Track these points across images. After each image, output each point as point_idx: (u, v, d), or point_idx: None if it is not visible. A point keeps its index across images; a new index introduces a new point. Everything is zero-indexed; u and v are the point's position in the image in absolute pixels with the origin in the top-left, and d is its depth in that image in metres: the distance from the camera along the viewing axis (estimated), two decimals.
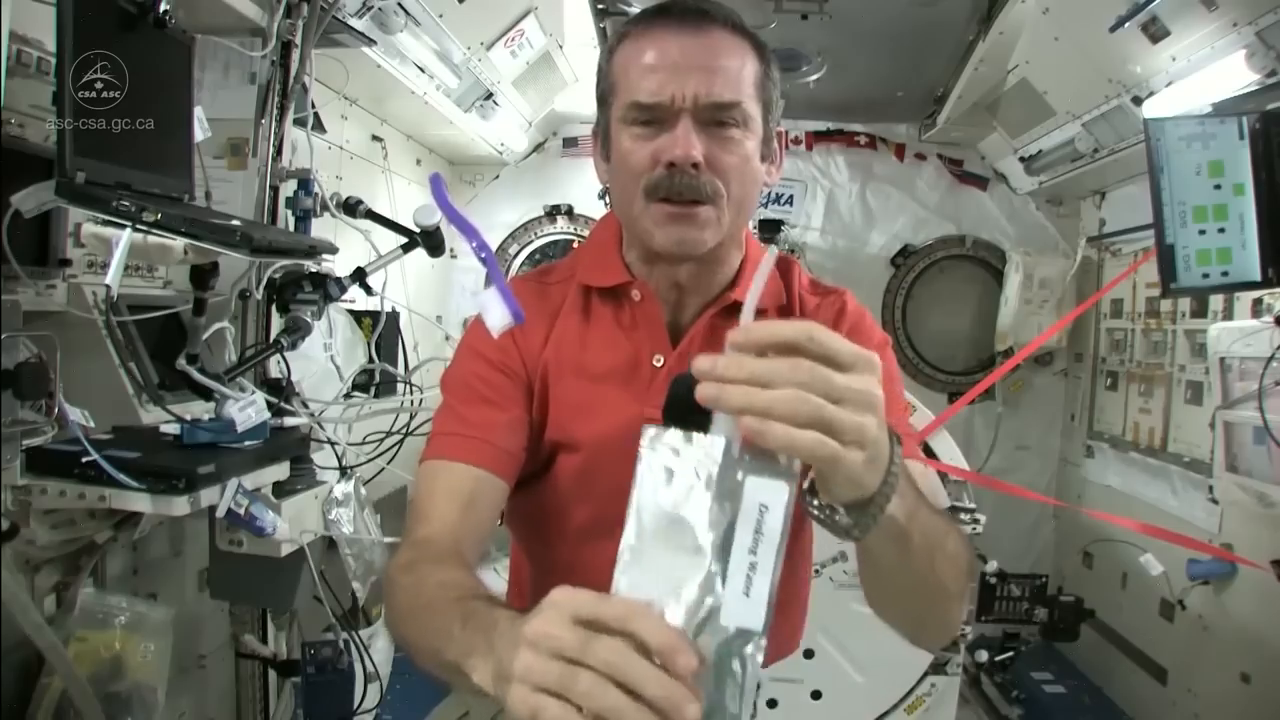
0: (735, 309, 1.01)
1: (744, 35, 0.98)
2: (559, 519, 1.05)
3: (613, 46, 1.00)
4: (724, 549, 0.54)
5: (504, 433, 0.98)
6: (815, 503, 0.68)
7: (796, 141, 3.92)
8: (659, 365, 1.01)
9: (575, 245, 3.88)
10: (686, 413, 0.74)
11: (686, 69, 0.92)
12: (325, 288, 1.68)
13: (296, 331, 1.63)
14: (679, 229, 0.95)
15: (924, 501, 0.77)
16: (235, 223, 1.46)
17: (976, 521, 2.51)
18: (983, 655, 3.21)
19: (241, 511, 1.46)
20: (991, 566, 3.03)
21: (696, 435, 0.58)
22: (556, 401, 1.02)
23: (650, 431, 0.59)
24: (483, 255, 0.75)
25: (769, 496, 0.55)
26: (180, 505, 1.33)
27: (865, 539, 0.70)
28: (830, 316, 1.06)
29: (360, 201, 1.99)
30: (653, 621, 0.53)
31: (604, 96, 1.01)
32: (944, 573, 0.81)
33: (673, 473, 0.57)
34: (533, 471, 1.05)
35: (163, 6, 1.41)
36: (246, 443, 1.50)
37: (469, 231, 0.75)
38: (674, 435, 0.58)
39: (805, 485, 0.67)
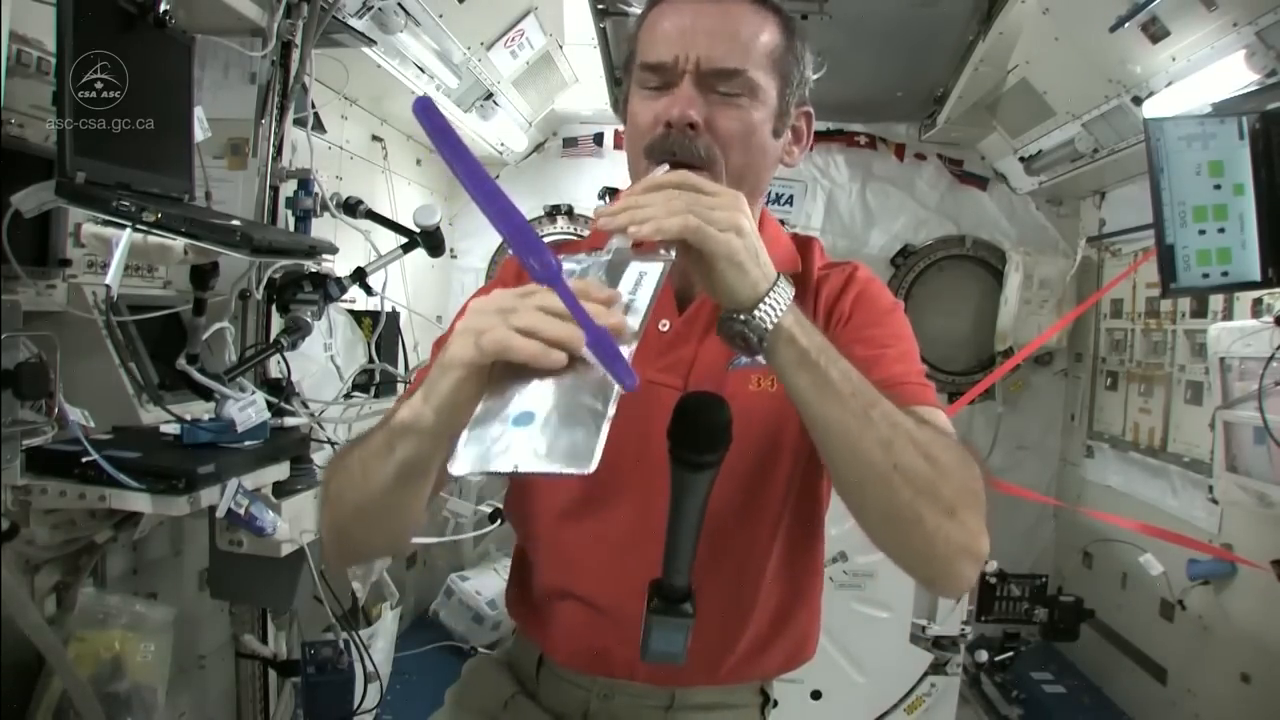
0: None
1: (767, 8, 0.97)
2: (551, 493, 1.04)
3: (641, 17, 1.01)
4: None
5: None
6: (724, 319, 0.78)
7: None
8: (665, 330, 1.01)
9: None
10: (693, 428, 0.74)
11: (694, 33, 0.93)
12: (325, 288, 1.68)
13: (296, 331, 1.63)
14: None
15: (861, 375, 0.80)
16: (235, 223, 1.46)
17: None
18: (983, 655, 3.21)
19: (241, 511, 1.46)
20: (991, 566, 3.03)
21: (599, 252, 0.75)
22: None
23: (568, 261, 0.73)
24: (542, 264, 0.66)
25: (647, 268, 0.72)
26: (180, 505, 1.33)
27: (774, 358, 0.78)
28: (840, 282, 1.04)
29: (360, 201, 1.99)
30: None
31: (626, 64, 1.03)
32: (905, 455, 0.78)
33: (573, 272, 0.71)
34: None
35: (163, 6, 1.41)
36: (246, 443, 1.50)
37: (485, 189, 0.66)
38: (582, 255, 0.74)
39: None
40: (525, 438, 0.59)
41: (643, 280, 0.71)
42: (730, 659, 1.03)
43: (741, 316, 0.76)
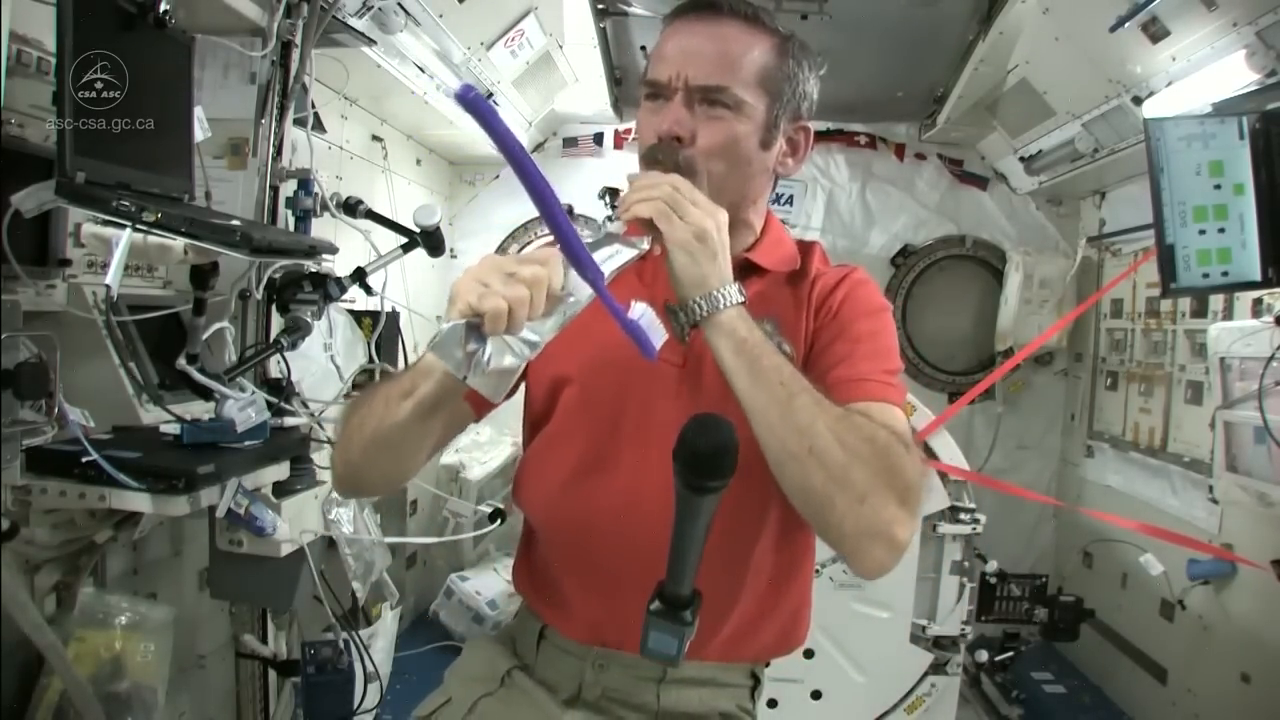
0: (749, 267, 1.10)
1: (760, 28, 1.05)
2: (557, 459, 1.09)
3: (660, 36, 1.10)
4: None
5: None
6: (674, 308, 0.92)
7: None
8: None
9: None
10: (698, 456, 0.76)
11: (686, 54, 1.03)
12: (325, 288, 1.68)
13: (296, 331, 1.63)
14: None
15: (796, 370, 0.92)
16: (235, 223, 1.46)
17: (977, 521, 2.52)
18: (983, 655, 3.21)
19: (241, 511, 1.46)
20: (991, 566, 3.03)
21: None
22: (566, 336, 1.04)
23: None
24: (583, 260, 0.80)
25: (621, 250, 0.88)
26: (180, 505, 1.33)
27: (715, 344, 0.91)
28: (834, 280, 1.11)
29: (360, 201, 1.99)
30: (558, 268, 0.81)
31: (641, 80, 1.12)
32: (820, 441, 0.87)
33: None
34: (540, 415, 1.13)
35: (163, 6, 1.41)
36: (246, 443, 1.50)
37: (537, 183, 0.75)
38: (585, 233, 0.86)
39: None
40: (472, 357, 0.79)
41: (613, 259, 0.86)
42: (723, 634, 1.07)
43: (678, 304, 0.91)
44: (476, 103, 0.66)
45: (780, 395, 0.88)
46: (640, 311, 0.83)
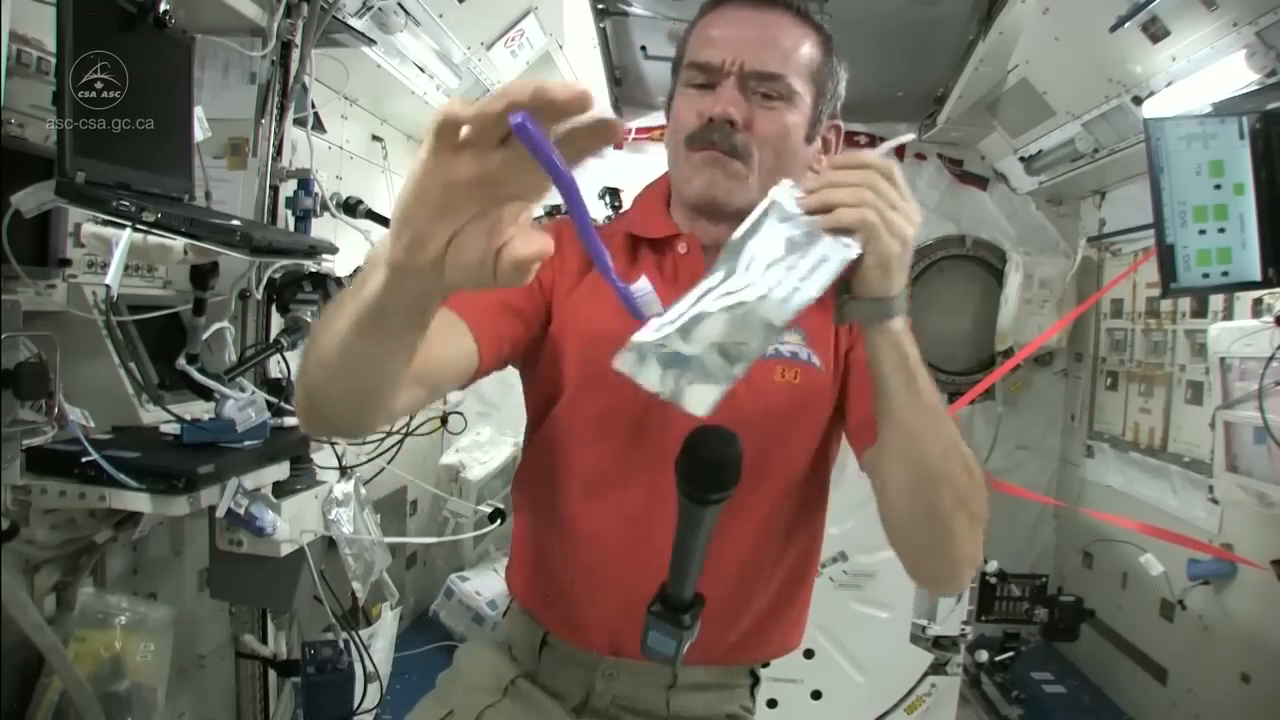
0: None
1: (808, 23, 1.04)
2: (571, 464, 1.05)
3: (693, 22, 1.07)
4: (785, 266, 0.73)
5: (500, 312, 0.98)
6: (848, 296, 0.81)
7: None
8: None
9: None
10: (700, 469, 0.75)
11: (740, 39, 1.00)
12: (325, 288, 1.68)
13: (296, 331, 1.63)
14: (710, 173, 1.00)
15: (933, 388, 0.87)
16: (235, 223, 1.46)
17: None
18: (983, 655, 3.20)
19: (241, 511, 1.46)
20: (991, 566, 3.03)
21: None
22: (586, 336, 1.02)
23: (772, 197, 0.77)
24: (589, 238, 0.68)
25: (829, 253, 0.74)
26: (180, 505, 1.33)
27: (878, 352, 0.83)
28: None
29: (360, 201, 2.00)
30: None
31: (675, 66, 1.08)
32: (955, 466, 0.86)
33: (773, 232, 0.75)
34: (552, 418, 1.06)
35: (163, 6, 1.41)
36: (246, 443, 1.50)
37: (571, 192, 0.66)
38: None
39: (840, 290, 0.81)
40: (667, 374, 0.69)
41: (822, 265, 0.74)
42: (732, 638, 1.06)
43: (860, 303, 0.80)
44: (528, 133, 0.60)
45: (931, 418, 0.86)
46: (645, 290, 0.75)
